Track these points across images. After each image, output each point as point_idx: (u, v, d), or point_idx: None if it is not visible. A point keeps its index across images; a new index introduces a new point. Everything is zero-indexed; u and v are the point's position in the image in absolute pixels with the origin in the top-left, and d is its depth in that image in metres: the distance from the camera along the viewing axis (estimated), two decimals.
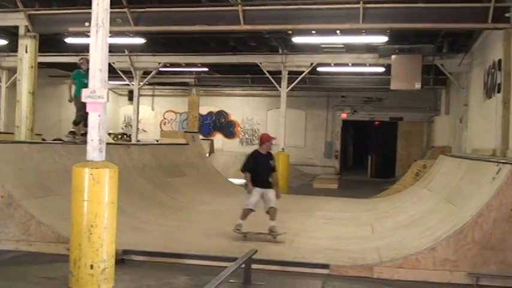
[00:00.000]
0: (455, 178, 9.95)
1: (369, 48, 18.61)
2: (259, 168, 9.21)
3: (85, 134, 11.82)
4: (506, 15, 12.15)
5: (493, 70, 13.71)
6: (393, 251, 7.66)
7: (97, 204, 5.82)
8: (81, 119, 11.87)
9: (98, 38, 5.99)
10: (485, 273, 6.75)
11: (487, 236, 6.81)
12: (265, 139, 9.50)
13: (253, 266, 6.59)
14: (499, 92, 12.62)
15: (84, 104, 6.04)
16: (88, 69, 11.66)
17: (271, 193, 9.15)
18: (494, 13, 12.21)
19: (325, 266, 7.21)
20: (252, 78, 25.68)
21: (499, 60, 12.62)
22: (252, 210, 9.11)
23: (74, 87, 12.01)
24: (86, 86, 11.36)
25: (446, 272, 6.86)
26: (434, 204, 9.86)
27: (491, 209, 6.82)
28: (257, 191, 9.10)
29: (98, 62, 5.99)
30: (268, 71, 19.33)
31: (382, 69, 21.06)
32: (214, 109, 30.81)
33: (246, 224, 9.15)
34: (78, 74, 11.91)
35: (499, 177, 7.02)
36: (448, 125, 21.97)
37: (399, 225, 9.79)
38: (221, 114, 30.88)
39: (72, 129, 12.13)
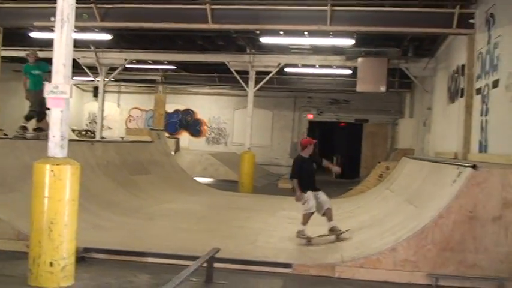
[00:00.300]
0: (417, 180, 10.10)
1: (336, 51, 18.77)
2: (304, 173, 9.22)
3: (38, 130, 11.71)
4: (471, 21, 12.40)
5: (456, 75, 13.97)
6: (355, 250, 7.74)
7: (58, 201, 5.73)
8: (34, 114, 11.65)
9: (62, 33, 5.90)
10: (445, 274, 6.88)
11: (446, 237, 6.94)
12: (306, 143, 9.49)
13: (216, 264, 6.58)
14: (461, 96, 12.86)
15: (38, 99, 5.96)
16: (36, 61, 11.56)
17: (322, 195, 9.18)
18: (458, 19, 12.45)
19: (287, 265, 7.24)
20: (220, 77, 25.63)
21: (463, 65, 12.87)
22: (312, 213, 9.05)
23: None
24: (36, 78, 11.28)
25: (406, 273, 6.96)
26: (396, 205, 9.99)
27: (451, 211, 6.95)
28: (311, 194, 9.02)
29: (61, 57, 5.90)
30: (235, 71, 19.31)
31: (348, 72, 21.26)
32: (181, 107, 30.63)
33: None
34: (27, 67, 11.70)
35: (460, 180, 7.15)
36: (412, 127, 22.30)
37: (361, 225, 9.88)
38: (188, 112, 30.72)
39: (23, 124, 11.85)
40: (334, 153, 29.47)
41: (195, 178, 18.56)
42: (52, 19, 6.38)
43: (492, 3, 10.96)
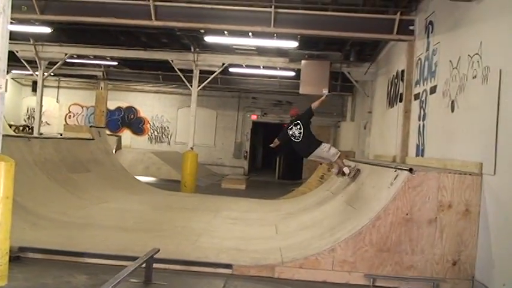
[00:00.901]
0: (357, 182, 10.29)
1: (280, 52, 18.92)
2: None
3: None
4: (411, 27, 12.72)
5: (396, 80, 14.32)
6: (295, 251, 7.81)
7: None
8: None
9: None
10: (382, 274, 7.05)
11: (383, 238, 7.11)
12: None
13: (156, 265, 6.51)
14: (400, 101, 13.18)
15: None
16: None
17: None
18: (399, 25, 12.74)
19: (228, 266, 7.24)
20: (163, 75, 25.37)
21: (402, 71, 13.20)
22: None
23: None
24: None
25: (344, 273, 7.10)
26: (337, 206, 10.15)
27: (388, 213, 7.13)
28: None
29: None
30: (179, 69, 19.17)
31: (292, 74, 21.48)
32: (123, 104, 30.16)
33: None
34: None
35: (397, 182, 7.35)
36: (353, 130, 22.73)
37: (302, 226, 10.00)
38: (130, 110, 30.29)
39: None
40: (277, 154, 29.74)
41: (137, 177, 18.30)
42: None
43: (431, 11, 11.29)
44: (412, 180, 7.15)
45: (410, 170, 7.20)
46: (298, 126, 10.78)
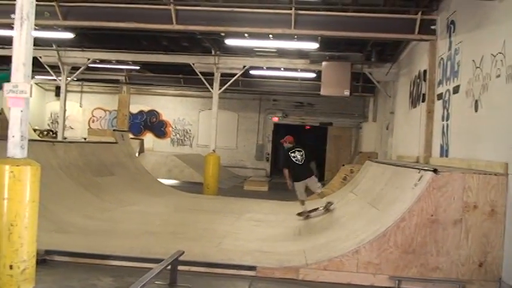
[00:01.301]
0: (380, 183, 10.23)
1: (301, 54, 18.88)
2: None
3: None
4: (432, 27, 12.62)
5: (418, 80, 14.20)
6: (319, 253, 7.79)
7: (17, 202, 5.61)
8: None
9: (22, 31, 5.78)
10: (407, 276, 6.99)
11: (408, 240, 7.05)
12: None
13: (180, 267, 6.54)
14: (423, 101, 13.07)
15: None
16: None
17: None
18: (421, 25, 12.65)
19: (252, 268, 7.24)
20: (185, 78, 25.48)
21: (424, 71, 13.09)
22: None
23: None
24: None
25: (369, 275, 7.05)
26: (360, 208, 10.10)
27: (413, 214, 7.07)
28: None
29: (21, 56, 5.78)
30: (200, 72, 19.24)
31: (313, 75, 21.41)
32: (146, 108, 30.38)
33: None
34: None
35: (421, 183, 7.28)
36: (375, 131, 22.60)
37: (326, 227, 9.96)
38: (152, 113, 30.48)
39: None
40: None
41: (160, 180, 18.42)
42: (12, 16, 6.24)
43: (453, 10, 11.18)
44: (436, 181, 7.08)
45: (435, 171, 7.13)
46: (301, 153, 12.22)
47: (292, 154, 12.16)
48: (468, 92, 9.57)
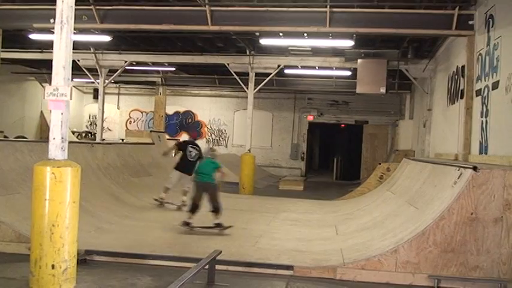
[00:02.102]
0: (418, 181, 10.10)
1: (336, 52, 18.78)
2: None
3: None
4: (470, 22, 12.41)
5: (456, 76, 13.98)
6: (356, 252, 7.73)
7: (59, 203, 5.72)
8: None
9: (62, 35, 5.90)
10: (446, 275, 6.89)
11: (448, 239, 6.94)
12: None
13: (217, 267, 6.58)
14: (461, 98, 12.87)
15: None
16: None
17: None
18: (458, 20, 12.46)
19: (289, 267, 7.24)
20: (219, 79, 25.66)
21: (462, 67, 12.88)
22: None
23: None
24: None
25: (408, 274, 6.97)
26: (397, 206, 9.99)
27: (452, 213, 6.96)
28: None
29: (61, 59, 5.89)
30: (235, 72, 19.32)
31: (348, 73, 21.26)
32: (181, 109, 30.64)
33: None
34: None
35: (460, 181, 7.16)
36: (412, 129, 22.30)
37: (363, 227, 9.88)
38: (188, 114, 30.72)
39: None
40: (334, 155, 29.55)
41: None
42: (52, 21, 6.39)
43: (492, 5, 10.97)
44: (476, 179, 6.94)
45: (475, 168, 7.00)
46: (197, 152, 12.57)
47: (190, 149, 12.63)
48: (508, 88, 9.38)
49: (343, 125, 29.74)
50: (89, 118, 31.55)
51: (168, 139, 21.86)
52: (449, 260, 6.92)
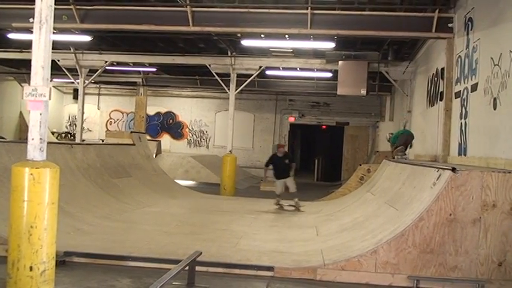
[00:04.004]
0: (397, 183, 10.17)
1: (317, 54, 18.86)
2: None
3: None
4: (449, 25, 12.54)
5: (436, 78, 14.11)
6: (336, 253, 7.76)
7: (37, 204, 5.66)
8: None
9: (41, 34, 5.83)
10: (425, 276, 6.94)
11: (427, 239, 7.00)
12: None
13: (198, 268, 6.56)
14: (441, 100, 12.99)
15: None
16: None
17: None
18: (438, 23, 12.58)
19: (269, 268, 7.24)
20: (201, 79, 25.60)
21: (442, 69, 13.00)
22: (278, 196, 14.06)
23: None
24: None
25: (387, 275, 7.01)
26: (377, 207, 10.05)
27: (431, 214, 7.02)
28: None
29: (40, 59, 5.83)
30: (217, 73, 19.31)
31: (329, 75, 21.37)
32: (162, 110, 30.51)
33: None
34: None
35: (439, 182, 7.22)
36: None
37: (343, 228, 9.93)
38: (169, 115, 30.61)
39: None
40: (315, 156, 29.64)
41: (177, 181, 18.49)
42: (31, 20, 6.31)
43: (471, 8, 11.10)
44: (455, 180, 7.01)
45: (454, 170, 7.07)
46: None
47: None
48: (486, 90, 9.49)
49: (324, 127, 29.87)
50: (69, 118, 31.27)
51: (148, 140, 21.75)
52: (428, 260, 6.98)
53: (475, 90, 10.31)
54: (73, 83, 21.87)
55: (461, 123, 11.33)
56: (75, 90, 26.78)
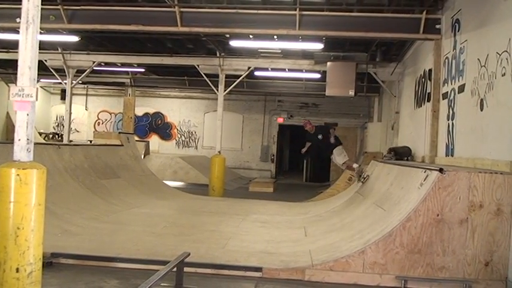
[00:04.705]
0: (385, 183, 10.21)
1: (305, 55, 18.90)
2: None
3: None
4: (437, 26, 12.62)
5: (423, 80, 14.18)
6: (325, 253, 7.78)
7: (24, 206, 5.62)
8: None
9: (27, 35, 5.79)
10: (413, 276, 6.98)
11: (414, 240, 7.04)
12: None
13: (186, 269, 6.54)
14: (428, 101, 13.06)
15: None
16: None
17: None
18: (425, 24, 12.65)
19: (257, 269, 7.24)
20: (190, 80, 25.56)
21: (430, 70, 13.07)
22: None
23: None
24: None
25: (375, 275, 7.04)
26: (365, 208, 10.09)
27: (418, 214, 7.06)
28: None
29: (27, 59, 5.79)
30: (205, 74, 19.29)
31: (318, 76, 21.42)
32: (151, 110, 30.45)
33: None
34: None
35: (427, 183, 7.27)
36: (380, 131, 22.57)
37: (331, 228, 9.96)
38: (158, 115, 30.54)
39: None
40: (304, 157, 29.67)
41: (165, 182, 18.44)
42: (18, 20, 6.26)
43: (458, 9, 11.17)
44: (442, 181, 7.06)
45: (441, 170, 7.11)
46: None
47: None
48: (473, 91, 9.56)
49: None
50: (57, 119, 31.11)
51: (137, 140, 21.68)
52: (415, 261, 7.02)
53: (462, 92, 10.37)
54: (60, 83, 21.76)
55: (448, 124, 11.39)
56: (63, 91, 26.65)
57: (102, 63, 21.16)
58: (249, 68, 18.98)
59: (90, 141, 23.35)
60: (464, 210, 7.00)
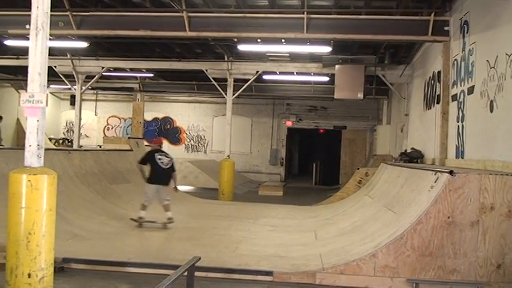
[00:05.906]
0: (395, 186, 10.18)
1: (314, 58, 18.89)
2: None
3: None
4: (445, 28, 12.57)
5: (432, 81, 14.13)
6: (335, 257, 7.76)
7: (35, 211, 5.66)
8: None
9: (37, 41, 5.85)
10: (424, 279, 6.95)
11: (425, 242, 7.01)
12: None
13: (197, 273, 6.54)
14: (438, 103, 13.01)
15: None
16: None
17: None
18: (434, 26, 12.60)
19: (268, 273, 7.24)
20: (198, 85, 25.61)
21: (439, 72, 13.03)
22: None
23: None
24: None
25: (386, 278, 7.01)
26: (376, 211, 10.05)
27: (429, 217, 7.03)
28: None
29: (37, 66, 5.84)
30: (214, 78, 19.31)
31: (326, 79, 21.40)
32: (160, 115, 30.51)
33: None
34: None
35: (437, 185, 7.24)
36: (390, 134, 22.50)
37: (342, 232, 9.93)
38: (166, 120, 30.60)
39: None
40: (313, 160, 29.65)
41: None
42: (27, 27, 6.31)
43: (466, 11, 11.13)
44: (453, 183, 7.02)
45: (451, 172, 7.08)
46: (168, 159, 11.83)
47: (159, 157, 11.56)
48: (483, 93, 9.51)
49: (321, 131, 29.88)
50: (66, 125, 31.24)
51: (146, 145, 21.73)
52: (427, 263, 6.99)
53: (472, 93, 10.33)
54: (70, 89, 21.86)
55: (458, 126, 11.34)
56: (72, 97, 26.72)
57: (111, 69, 21.23)
58: (257, 71, 18.99)
59: (100, 147, 23.43)
60: (475, 213, 6.96)
